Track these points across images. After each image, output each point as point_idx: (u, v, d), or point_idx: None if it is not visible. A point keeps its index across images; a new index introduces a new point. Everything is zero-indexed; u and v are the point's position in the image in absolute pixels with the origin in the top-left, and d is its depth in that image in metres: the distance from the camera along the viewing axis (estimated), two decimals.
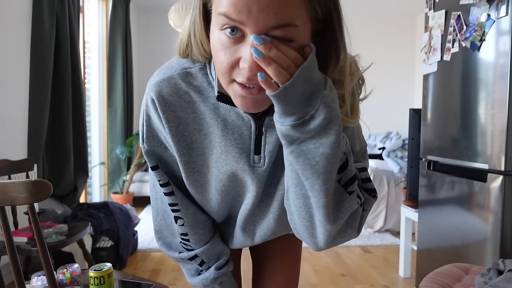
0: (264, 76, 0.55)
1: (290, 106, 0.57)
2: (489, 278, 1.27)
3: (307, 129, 0.58)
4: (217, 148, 0.75)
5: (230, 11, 0.54)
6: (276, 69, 0.54)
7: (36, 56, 2.55)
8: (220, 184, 0.79)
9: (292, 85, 0.55)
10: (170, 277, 2.51)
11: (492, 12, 1.61)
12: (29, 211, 0.96)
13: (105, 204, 2.74)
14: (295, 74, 0.55)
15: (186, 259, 0.89)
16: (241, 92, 0.60)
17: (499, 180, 1.58)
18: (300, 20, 0.56)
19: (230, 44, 0.58)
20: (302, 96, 0.57)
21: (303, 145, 0.60)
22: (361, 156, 0.80)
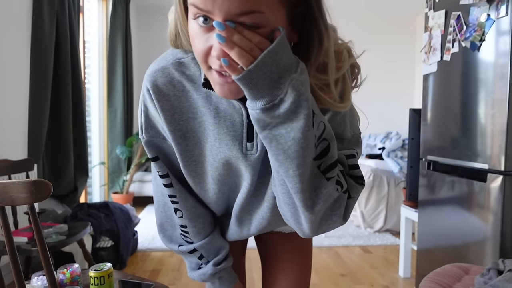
0: (228, 61, 0.56)
1: (257, 89, 0.57)
2: (489, 278, 1.27)
3: (277, 113, 0.59)
4: (211, 136, 0.75)
5: (197, 0, 0.56)
6: (238, 52, 0.55)
7: (36, 56, 2.55)
8: (215, 173, 0.79)
9: (257, 67, 0.55)
10: (170, 277, 2.51)
11: (492, 12, 1.61)
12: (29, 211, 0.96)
13: (105, 204, 2.74)
14: (259, 57, 0.55)
15: (186, 252, 0.90)
16: (218, 80, 0.62)
17: (499, 180, 1.58)
18: (268, 6, 0.56)
19: (202, 33, 0.59)
20: (270, 79, 0.57)
21: (275, 130, 0.61)
22: (354, 143, 0.79)
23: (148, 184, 4.59)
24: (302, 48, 0.63)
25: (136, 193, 4.57)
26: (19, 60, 2.46)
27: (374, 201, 3.59)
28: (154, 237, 3.33)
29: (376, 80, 5.76)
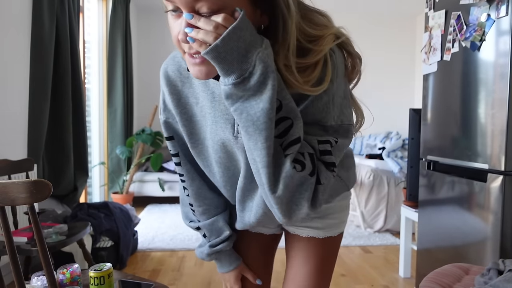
0: (193, 38, 0.61)
1: (227, 64, 0.61)
2: (489, 278, 1.27)
3: (248, 86, 0.62)
4: (209, 120, 0.81)
5: None
6: (204, 32, 0.60)
7: (36, 56, 2.55)
8: (216, 155, 0.84)
9: (223, 42, 0.59)
10: (170, 277, 2.51)
11: (492, 12, 1.61)
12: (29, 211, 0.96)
13: (105, 204, 2.74)
14: (224, 32, 0.59)
15: (194, 228, 0.99)
16: (190, 61, 0.67)
17: (499, 180, 1.58)
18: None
19: (173, 22, 0.66)
20: (238, 54, 0.61)
21: (246, 102, 0.64)
22: (342, 134, 0.77)
23: (148, 184, 4.59)
24: (270, 31, 0.68)
25: (136, 193, 4.57)
26: (19, 60, 2.46)
27: (374, 201, 3.59)
28: (154, 237, 3.33)
29: (376, 80, 5.76)
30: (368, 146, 4.92)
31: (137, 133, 4.39)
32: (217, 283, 2.43)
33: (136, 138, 4.33)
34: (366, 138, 5.20)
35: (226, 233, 0.97)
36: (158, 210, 4.39)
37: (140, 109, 5.29)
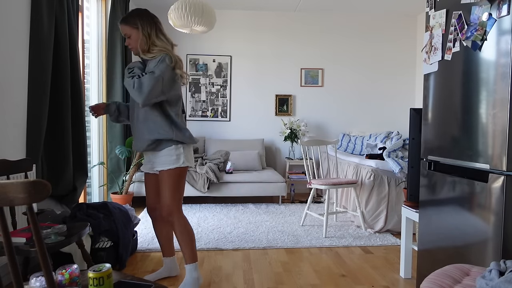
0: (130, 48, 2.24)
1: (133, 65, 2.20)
2: (491, 279, 1.26)
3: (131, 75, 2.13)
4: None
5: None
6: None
7: (35, 55, 2.54)
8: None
9: (133, 64, 2.23)
10: (170, 278, 2.50)
11: (493, 11, 1.60)
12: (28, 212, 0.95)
13: (105, 204, 2.73)
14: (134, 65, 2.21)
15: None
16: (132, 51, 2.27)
17: (500, 180, 1.57)
18: (130, 31, 2.16)
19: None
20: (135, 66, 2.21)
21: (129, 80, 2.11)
22: (157, 70, 2.07)
23: None
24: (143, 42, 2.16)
25: (136, 193, 4.56)
26: (18, 59, 2.45)
27: (375, 201, 3.58)
28: (153, 238, 3.32)
29: (377, 80, 5.76)
30: (368, 146, 4.91)
31: None
32: (217, 283, 2.43)
33: None
34: (366, 138, 5.20)
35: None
36: None
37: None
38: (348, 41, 5.66)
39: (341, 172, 4.42)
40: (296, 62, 5.66)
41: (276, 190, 4.72)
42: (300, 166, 5.50)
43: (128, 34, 2.15)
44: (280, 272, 2.63)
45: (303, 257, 2.92)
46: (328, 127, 5.72)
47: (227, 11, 5.51)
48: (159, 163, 2.22)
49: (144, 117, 2.18)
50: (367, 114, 5.76)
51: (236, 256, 2.92)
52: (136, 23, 2.13)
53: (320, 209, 4.47)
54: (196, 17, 3.43)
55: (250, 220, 3.98)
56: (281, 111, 5.66)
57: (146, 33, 2.14)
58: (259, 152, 5.24)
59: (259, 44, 5.62)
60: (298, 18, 5.62)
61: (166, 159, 2.19)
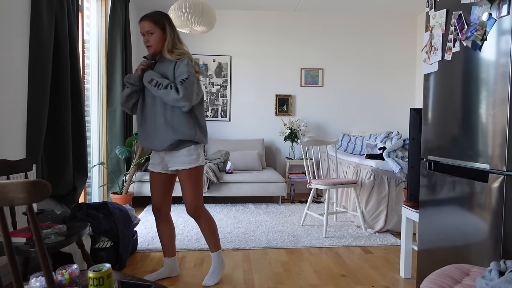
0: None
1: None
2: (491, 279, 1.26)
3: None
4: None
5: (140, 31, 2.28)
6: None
7: (35, 55, 2.54)
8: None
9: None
10: (170, 278, 2.50)
11: (493, 11, 1.60)
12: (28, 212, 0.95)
13: (104, 204, 2.73)
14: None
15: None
16: (148, 49, 2.28)
17: (500, 180, 1.57)
18: (153, 28, 2.21)
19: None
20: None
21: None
22: (186, 79, 2.15)
23: (147, 184, 4.58)
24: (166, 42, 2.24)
25: (136, 193, 4.56)
26: (18, 59, 2.45)
27: (375, 201, 3.58)
28: (153, 238, 3.32)
29: (377, 80, 5.75)
30: (368, 146, 4.91)
31: (136, 133, 4.38)
32: (217, 283, 2.43)
33: (135, 138, 4.32)
34: (366, 138, 5.20)
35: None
36: None
37: None
38: (348, 41, 5.66)
39: (341, 172, 4.42)
40: (296, 62, 5.66)
41: (276, 190, 4.72)
42: (300, 166, 5.50)
43: (151, 31, 2.18)
44: (280, 272, 2.63)
45: (303, 257, 2.92)
46: (328, 127, 5.72)
47: (227, 11, 5.51)
48: (179, 162, 2.27)
49: (169, 118, 2.21)
50: (367, 114, 5.76)
51: (236, 256, 2.92)
52: (163, 23, 2.20)
53: (320, 209, 4.47)
54: (196, 17, 3.44)
55: (250, 220, 3.98)
56: (281, 111, 5.66)
57: (171, 34, 2.21)
58: (259, 152, 5.24)
59: (259, 44, 5.62)
60: (298, 18, 5.62)
61: (186, 159, 2.26)
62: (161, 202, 2.41)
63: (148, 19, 2.19)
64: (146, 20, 2.19)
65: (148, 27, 2.18)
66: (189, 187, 2.30)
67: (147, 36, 2.20)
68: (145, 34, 2.20)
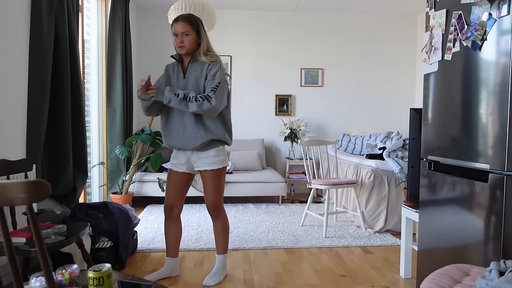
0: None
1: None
2: (490, 279, 1.26)
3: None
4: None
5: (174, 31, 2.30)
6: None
7: (35, 55, 2.54)
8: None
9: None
10: (170, 278, 2.50)
11: (493, 11, 1.60)
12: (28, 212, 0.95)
13: (105, 204, 2.73)
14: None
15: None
16: (178, 49, 2.30)
17: (500, 180, 1.57)
18: (189, 30, 2.25)
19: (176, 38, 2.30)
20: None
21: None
22: (219, 86, 2.22)
23: (147, 184, 4.59)
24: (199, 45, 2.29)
25: (136, 193, 4.56)
26: (18, 59, 2.45)
27: (375, 201, 3.58)
28: (153, 238, 3.32)
29: (377, 80, 5.75)
30: (368, 146, 4.91)
31: (136, 133, 4.38)
32: (217, 283, 2.42)
33: (135, 138, 4.32)
34: (366, 138, 5.20)
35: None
36: (158, 211, 4.38)
37: (140, 109, 5.27)
38: (348, 41, 5.66)
39: (341, 172, 4.42)
40: (296, 62, 5.66)
41: (276, 190, 4.72)
42: (300, 166, 5.50)
43: (187, 33, 2.23)
44: (280, 272, 2.63)
45: (303, 257, 2.92)
46: (328, 127, 5.72)
47: (227, 11, 5.51)
48: (207, 163, 2.32)
49: (199, 118, 2.27)
50: (367, 114, 5.76)
51: (236, 256, 2.92)
52: (199, 26, 2.28)
53: (320, 209, 4.47)
54: None
55: (250, 220, 3.98)
56: (281, 111, 5.66)
57: (206, 38, 2.30)
58: (259, 152, 5.24)
59: (259, 44, 5.62)
60: (298, 18, 5.62)
61: (215, 159, 2.32)
62: (175, 202, 2.43)
63: (185, 20, 2.24)
64: (183, 21, 2.24)
65: (184, 28, 2.23)
66: (214, 186, 2.35)
67: (182, 37, 2.23)
68: (179, 35, 2.24)
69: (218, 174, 2.35)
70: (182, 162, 2.38)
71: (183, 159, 2.38)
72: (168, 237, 2.49)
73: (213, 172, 2.33)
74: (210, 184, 2.35)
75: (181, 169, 2.38)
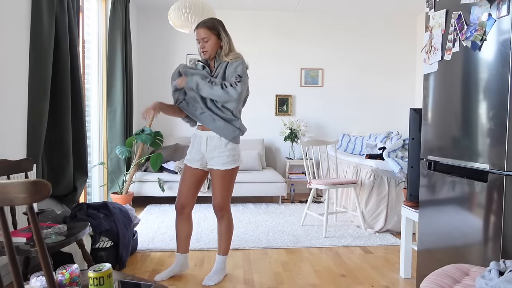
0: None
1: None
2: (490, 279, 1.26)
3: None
4: None
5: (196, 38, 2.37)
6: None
7: (35, 55, 2.54)
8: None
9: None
10: (170, 278, 2.50)
11: (493, 12, 1.60)
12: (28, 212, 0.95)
13: (105, 204, 2.73)
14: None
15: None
16: (202, 55, 2.38)
17: (500, 180, 1.57)
18: (209, 35, 2.32)
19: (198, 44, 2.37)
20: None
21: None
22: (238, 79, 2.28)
23: (148, 184, 4.59)
24: (221, 48, 2.35)
25: (136, 193, 4.56)
26: (18, 60, 2.45)
27: (375, 201, 3.59)
28: (153, 238, 3.33)
29: (377, 80, 5.76)
30: (368, 146, 4.91)
31: (136, 133, 4.38)
32: (217, 283, 2.43)
33: (135, 138, 4.32)
34: (366, 138, 5.20)
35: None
36: (158, 210, 4.38)
37: (140, 108, 5.29)
38: (348, 41, 5.66)
39: (341, 172, 4.42)
40: (296, 62, 5.66)
41: (276, 190, 4.72)
42: (300, 166, 5.50)
43: (207, 39, 2.30)
44: (280, 272, 2.63)
45: (303, 257, 2.93)
46: (328, 127, 5.72)
47: (227, 11, 5.51)
48: (220, 162, 2.32)
49: (221, 113, 2.33)
50: (367, 114, 5.76)
51: (236, 256, 2.92)
52: (218, 30, 2.33)
53: (320, 209, 4.47)
54: (196, 17, 3.44)
55: (250, 220, 3.98)
56: (281, 111, 5.66)
57: (227, 39, 2.34)
58: (259, 152, 5.24)
59: (259, 44, 5.62)
60: (298, 18, 5.63)
61: (229, 159, 2.32)
62: (187, 199, 2.43)
63: (203, 26, 2.30)
64: (202, 27, 2.30)
65: (204, 34, 2.29)
66: (222, 187, 2.35)
67: (203, 43, 2.30)
68: (201, 41, 2.30)
69: (229, 175, 2.35)
70: (197, 158, 2.39)
71: (197, 156, 2.38)
72: (179, 234, 2.50)
73: (224, 172, 2.33)
74: (219, 183, 2.35)
75: (194, 165, 2.39)
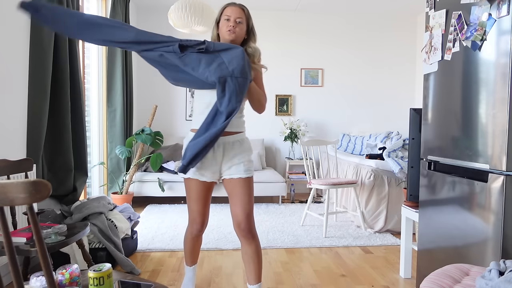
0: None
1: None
2: (490, 278, 1.26)
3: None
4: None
5: (228, 12, 2.02)
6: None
7: (35, 56, 2.54)
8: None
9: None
10: (170, 278, 2.50)
11: (493, 12, 1.60)
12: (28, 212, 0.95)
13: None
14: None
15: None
16: (228, 32, 2.02)
17: (500, 180, 1.57)
18: (243, 18, 2.01)
19: (226, 22, 2.02)
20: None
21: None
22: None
23: (148, 184, 4.59)
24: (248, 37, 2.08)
25: (136, 193, 4.56)
26: (18, 60, 2.45)
27: (375, 201, 3.59)
28: (153, 238, 3.32)
29: (377, 80, 5.75)
30: (368, 146, 4.91)
31: (136, 133, 4.38)
32: (217, 283, 2.43)
33: (135, 138, 4.32)
34: (366, 138, 5.20)
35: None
36: (158, 211, 4.38)
37: (140, 109, 5.29)
38: (348, 41, 5.66)
39: (341, 172, 4.42)
40: (296, 62, 5.66)
41: (276, 190, 4.72)
42: (300, 166, 5.50)
43: (241, 21, 2.01)
44: (280, 272, 2.63)
45: (303, 257, 2.93)
46: (328, 127, 5.72)
47: None
48: (242, 169, 1.93)
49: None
50: (367, 114, 5.76)
51: (236, 256, 2.92)
52: (250, 20, 2.11)
53: (320, 209, 4.47)
54: (196, 17, 3.44)
55: None
56: (281, 111, 5.66)
57: (253, 30, 2.12)
58: (259, 152, 5.24)
59: (259, 44, 5.59)
60: (298, 18, 5.62)
61: (246, 166, 1.95)
62: (204, 217, 2.07)
63: (243, 8, 2.06)
64: (241, 7, 2.05)
65: (240, 15, 2.02)
66: (249, 198, 1.95)
67: (235, 23, 1.99)
68: (232, 20, 1.99)
69: (252, 182, 1.98)
70: (210, 169, 1.93)
71: (211, 166, 1.93)
72: (194, 248, 2.20)
73: (248, 180, 1.94)
74: (245, 194, 1.93)
75: (208, 178, 1.94)
